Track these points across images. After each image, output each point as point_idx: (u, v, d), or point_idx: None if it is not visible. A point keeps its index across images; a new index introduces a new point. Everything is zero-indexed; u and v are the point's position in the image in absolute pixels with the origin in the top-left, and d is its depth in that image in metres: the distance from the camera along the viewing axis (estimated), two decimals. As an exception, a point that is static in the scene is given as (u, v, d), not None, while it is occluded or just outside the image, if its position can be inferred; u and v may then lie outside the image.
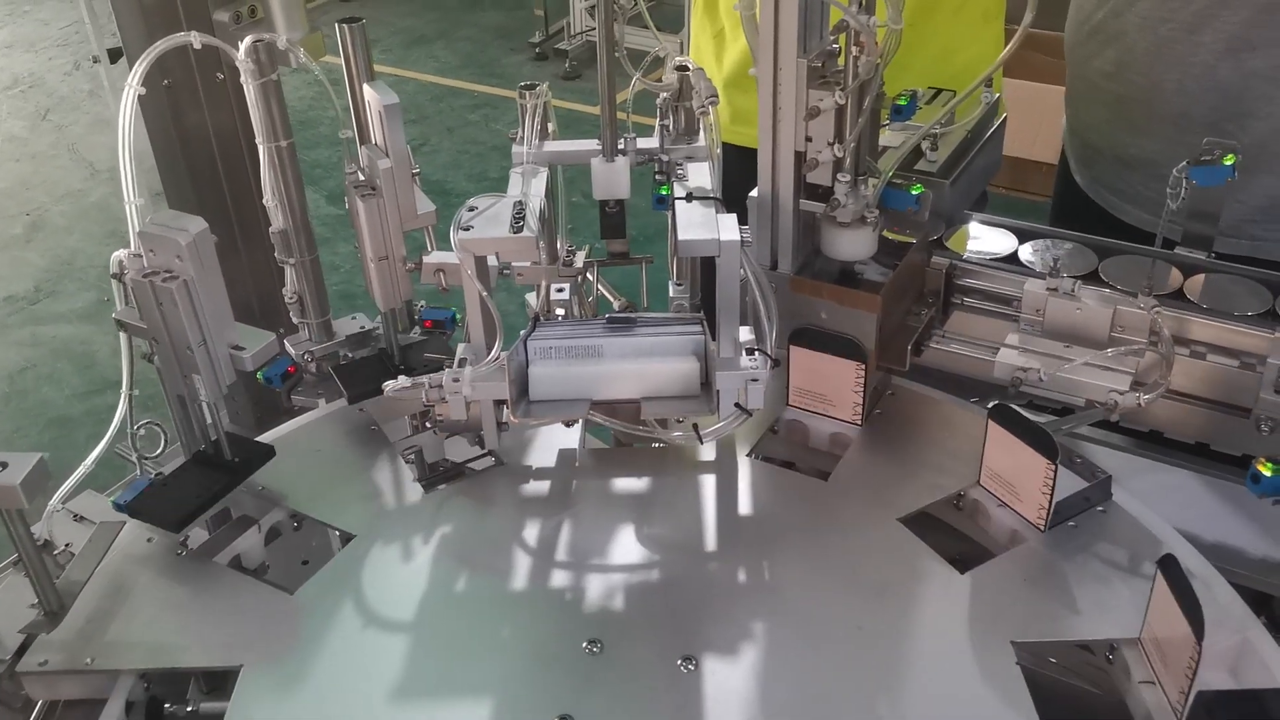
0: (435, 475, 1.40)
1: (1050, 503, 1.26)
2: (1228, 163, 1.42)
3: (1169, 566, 1.08)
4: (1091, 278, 1.47)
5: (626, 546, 1.30)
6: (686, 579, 1.25)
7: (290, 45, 1.36)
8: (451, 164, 5.30)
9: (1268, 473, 0.98)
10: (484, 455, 1.43)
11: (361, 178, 1.36)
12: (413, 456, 1.40)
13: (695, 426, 1.33)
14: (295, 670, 1.15)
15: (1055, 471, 1.24)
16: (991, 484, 1.33)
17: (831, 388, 1.41)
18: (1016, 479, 1.30)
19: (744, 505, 1.36)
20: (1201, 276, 1.47)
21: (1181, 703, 1.05)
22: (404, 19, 7.19)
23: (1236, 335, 1.38)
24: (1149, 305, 1.36)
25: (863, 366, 1.38)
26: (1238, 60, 1.71)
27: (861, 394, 1.40)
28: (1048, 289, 1.41)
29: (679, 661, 1.14)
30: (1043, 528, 1.28)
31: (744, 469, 1.41)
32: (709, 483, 1.39)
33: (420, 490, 1.38)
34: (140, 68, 1.28)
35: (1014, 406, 1.29)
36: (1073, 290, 1.39)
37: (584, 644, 1.16)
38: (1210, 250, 1.54)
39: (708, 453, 1.43)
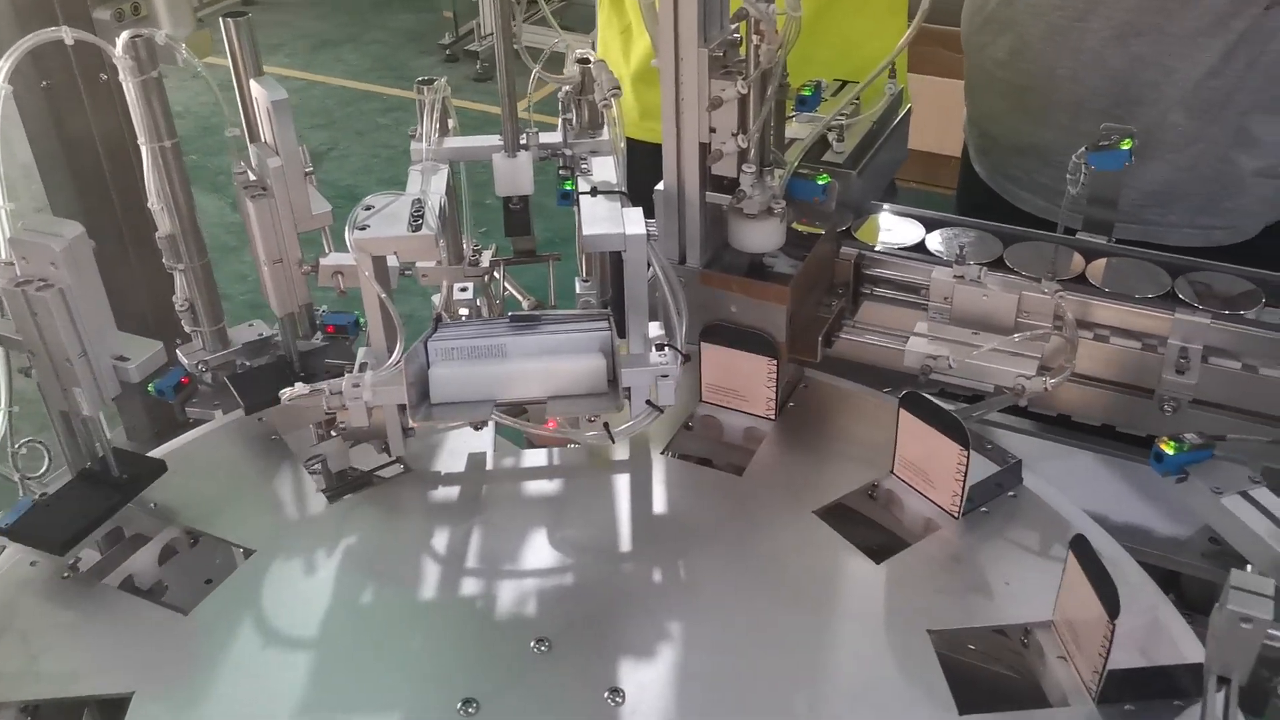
0: (341, 485, 1.35)
1: (963, 489, 1.26)
2: (1125, 147, 1.44)
3: (1080, 547, 1.08)
4: (997, 265, 1.48)
5: (539, 550, 1.27)
6: (601, 581, 1.22)
7: (171, 42, 1.30)
8: (363, 169, 5.20)
9: (1170, 451, 0.98)
10: (392, 463, 1.38)
11: (252, 177, 1.30)
12: (317, 466, 1.35)
13: (607, 425, 1.30)
14: (190, 695, 1.09)
15: (968, 458, 1.24)
16: (905, 473, 1.33)
17: (744, 383, 1.39)
18: (929, 466, 1.30)
19: (659, 504, 1.34)
20: (1103, 261, 1.49)
21: (1095, 681, 1.06)
22: (310, 22, 7.05)
23: (1137, 317, 1.39)
24: (1052, 290, 1.38)
25: (774, 362, 1.36)
26: (1126, 46, 1.74)
27: (774, 389, 1.38)
28: (954, 277, 1.42)
29: (596, 661, 1.11)
30: (956, 514, 1.28)
31: (658, 467, 1.39)
32: (623, 482, 1.37)
33: (325, 501, 1.33)
34: (6, 65, 1.21)
35: (924, 394, 1.28)
36: (979, 277, 1.40)
37: (497, 650, 1.13)
38: (1111, 235, 1.56)
39: (621, 451, 1.40)
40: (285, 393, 1.25)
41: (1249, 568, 0.92)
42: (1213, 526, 0.97)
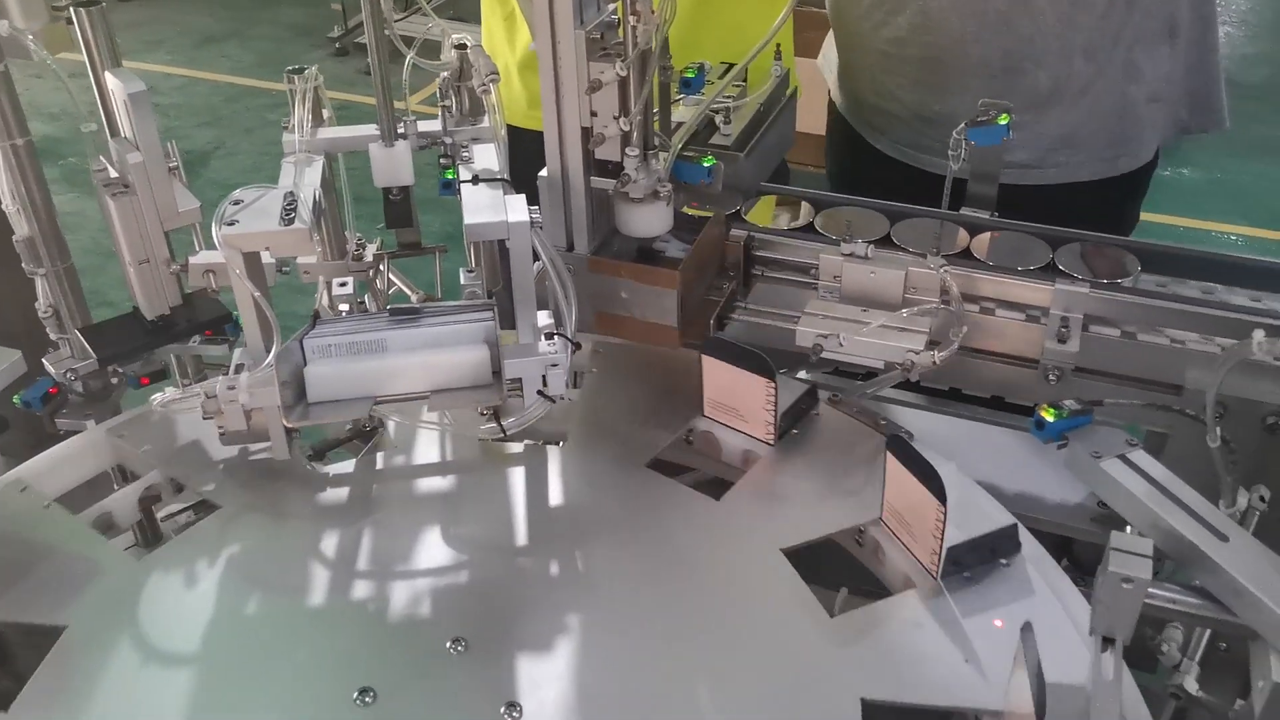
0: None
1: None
2: (1002, 122, 1.46)
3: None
4: (884, 242, 1.49)
5: (433, 549, 1.23)
6: (497, 577, 1.20)
7: (18, 33, 1.23)
8: (252, 167, 5.06)
9: (1050, 418, 1.00)
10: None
11: (112, 174, 1.24)
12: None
13: (498, 419, 1.28)
14: (67, 714, 1.04)
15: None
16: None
17: (743, 403, 1.32)
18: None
19: (555, 496, 1.32)
20: (987, 235, 1.51)
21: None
22: (192, 17, 6.82)
23: (1020, 289, 1.42)
24: (938, 265, 1.39)
25: (773, 384, 1.29)
26: (1027, 6, 1.78)
27: (773, 411, 1.30)
28: (843, 255, 1.42)
29: (449, 643, 1.09)
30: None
31: (554, 459, 1.36)
32: (518, 476, 1.34)
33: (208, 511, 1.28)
34: None
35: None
36: (866, 254, 1.41)
37: (389, 653, 1.10)
38: (994, 210, 1.59)
39: (516, 445, 1.38)
40: (157, 398, 1.20)
41: (1128, 529, 0.94)
42: (1094, 490, 0.98)
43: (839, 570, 1.26)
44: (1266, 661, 0.83)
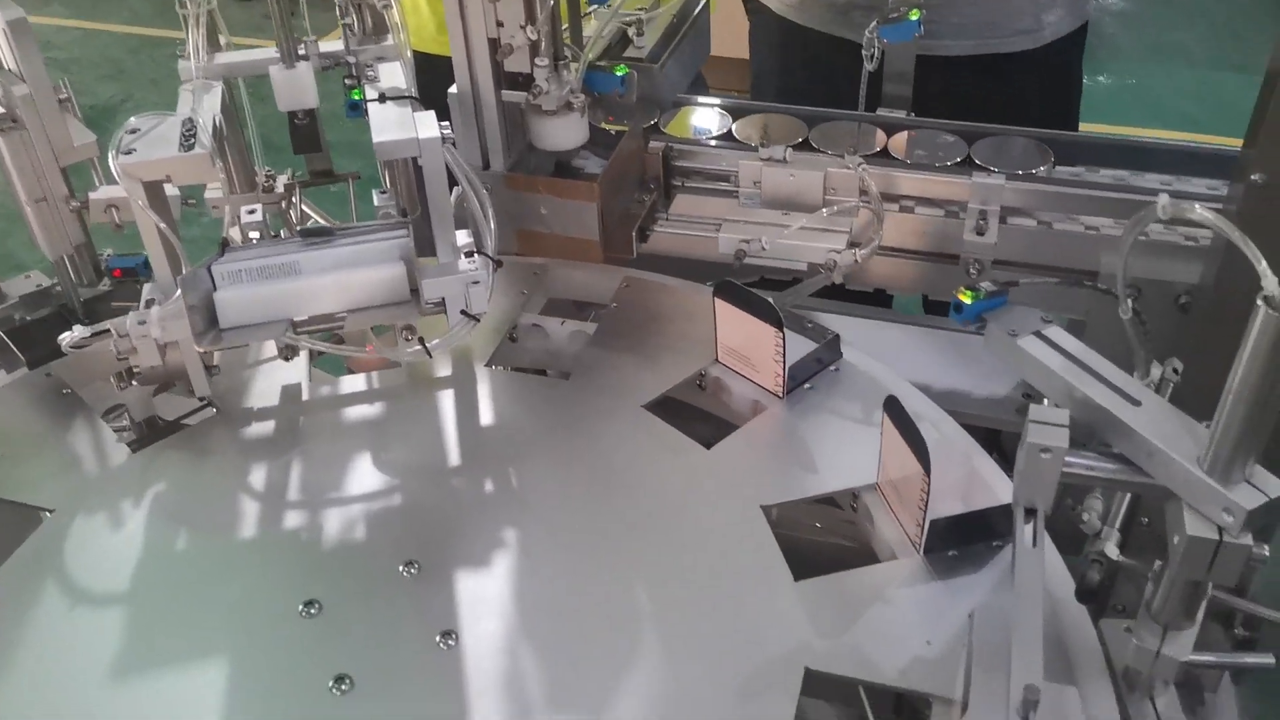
0: (146, 434, 1.27)
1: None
2: (913, 18, 1.46)
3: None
4: (802, 146, 1.49)
5: (363, 476, 1.22)
6: (431, 499, 1.19)
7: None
8: (162, 120, 4.88)
9: (967, 300, 1.01)
10: (201, 407, 1.31)
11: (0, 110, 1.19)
12: (119, 418, 1.27)
13: (422, 341, 1.26)
14: (-6, 665, 1.02)
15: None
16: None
17: (754, 351, 1.28)
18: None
19: (485, 416, 1.31)
20: (904, 134, 1.52)
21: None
22: (86, -32, 6.53)
23: (937, 185, 1.43)
24: (856, 164, 1.39)
25: (780, 334, 1.24)
26: None
27: (781, 363, 1.25)
28: (761, 160, 1.42)
29: (428, 578, 1.09)
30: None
31: (483, 379, 1.35)
32: (447, 398, 1.33)
33: (126, 452, 1.25)
34: None
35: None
36: (784, 158, 1.40)
37: (327, 583, 1.09)
38: (909, 109, 1.59)
39: (443, 368, 1.36)
40: (65, 338, 1.16)
41: (1045, 402, 0.96)
42: (1011, 368, 1.00)
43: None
44: (1181, 518, 0.86)
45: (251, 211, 1.22)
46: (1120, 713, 0.96)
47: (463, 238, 1.25)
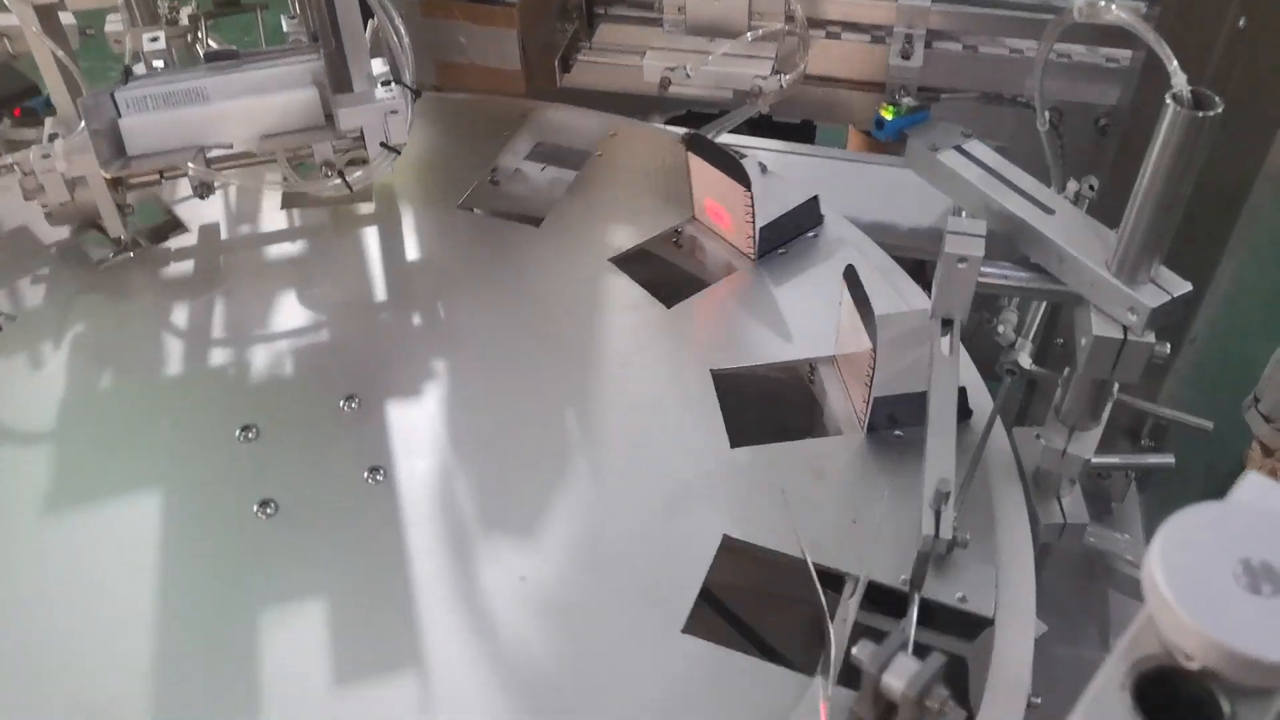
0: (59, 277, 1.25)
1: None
2: None
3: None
4: (724, -29, 1.45)
5: (289, 312, 1.21)
6: (359, 334, 1.19)
7: None
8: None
9: (889, 116, 1.01)
10: (121, 252, 1.27)
11: None
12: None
13: (342, 174, 1.23)
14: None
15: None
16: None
17: (728, 211, 1.24)
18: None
19: (412, 252, 1.30)
20: (829, -42, 1.48)
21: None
22: None
23: (864, 9, 1.41)
24: (782, -12, 1.36)
25: (750, 194, 1.19)
26: None
27: (752, 223, 1.21)
28: (685, -16, 1.38)
29: (359, 412, 1.09)
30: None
31: (409, 217, 1.33)
32: (372, 235, 1.31)
33: (44, 292, 1.22)
34: None
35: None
36: (703, -18, 1.37)
37: (255, 417, 1.09)
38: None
39: (366, 206, 1.34)
40: (-35, 176, 1.11)
41: (962, 213, 0.97)
42: (930, 183, 1.01)
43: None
44: (1088, 320, 0.89)
45: (154, 39, 1.17)
46: (1029, 511, 1.01)
47: (378, 66, 1.21)
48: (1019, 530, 0.98)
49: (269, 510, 1.00)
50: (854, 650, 0.53)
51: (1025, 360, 1.05)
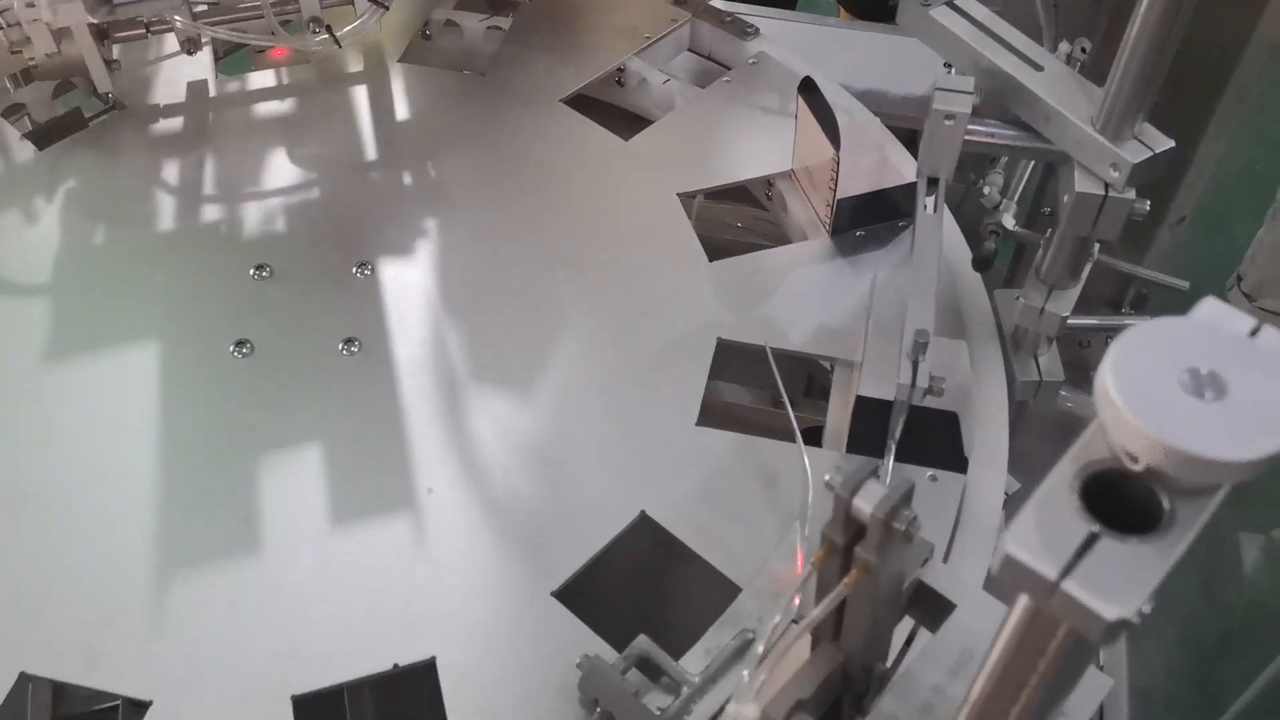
0: (49, 131, 1.24)
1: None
2: None
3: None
4: None
5: (279, 170, 1.22)
6: (349, 192, 1.19)
7: None
8: None
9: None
10: (106, 109, 1.27)
11: None
12: (18, 120, 1.23)
13: (330, 29, 1.22)
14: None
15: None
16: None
17: (815, 168, 1.18)
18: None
19: (400, 112, 1.29)
20: None
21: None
22: None
23: None
24: None
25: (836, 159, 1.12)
26: None
27: (834, 191, 1.12)
28: None
29: (354, 270, 1.11)
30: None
31: (396, 75, 1.33)
32: (361, 93, 1.31)
33: (33, 149, 1.22)
34: None
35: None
36: None
37: (250, 270, 1.10)
38: None
39: (354, 63, 1.33)
40: (-52, 25, 1.10)
41: (951, 70, 0.97)
42: (921, 40, 1.00)
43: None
44: (1071, 177, 0.90)
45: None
46: (1006, 369, 1.04)
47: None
48: (995, 385, 1.01)
49: (262, 355, 1.03)
50: (826, 476, 0.56)
51: (1009, 221, 1.07)
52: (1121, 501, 0.42)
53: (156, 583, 0.88)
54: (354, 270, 1.11)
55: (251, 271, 1.10)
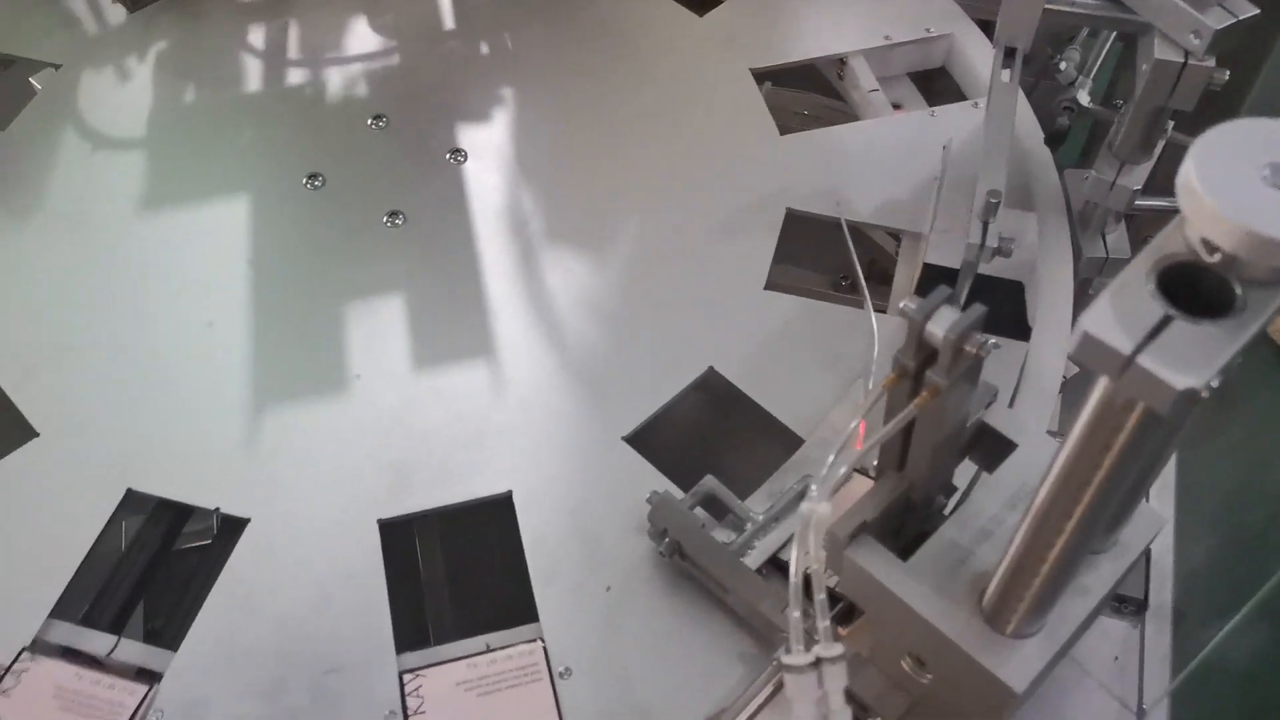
0: (138, -1, 1.28)
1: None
2: None
3: None
4: None
5: (362, 36, 1.24)
6: (428, 61, 1.22)
7: None
8: None
9: None
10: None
11: None
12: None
13: (411, -103, 1.23)
14: (21, 207, 1.08)
15: None
16: None
17: None
18: None
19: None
20: None
21: None
22: None
23: None
24: None
25: None
26: None
27: None
28: None
29: (434, 135, 1.14)
30: None
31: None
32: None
33: (124, 12, 1.26)
34: None
35: None
36: None
37: (333, 130, 1.14)
38: None
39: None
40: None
41: (1035, -62, 0.97)
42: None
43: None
44: (1151, 46, 0.90)
45: None
46: (1073, 244, 1.05)
47: None
48: (1061, 258, 1.02)
49: (316, 182, 1.08)
50: (902, 304, 0.58)
51: (1084, 98, 1.07)
52: (1195, 293, 0.44)
53: (257, 413, 0.93)
54: (435, 135, 1.14)
55: (337, 129, 1.14)
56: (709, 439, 1.01)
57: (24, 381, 0.95)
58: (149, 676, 0.80)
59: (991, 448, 0.72)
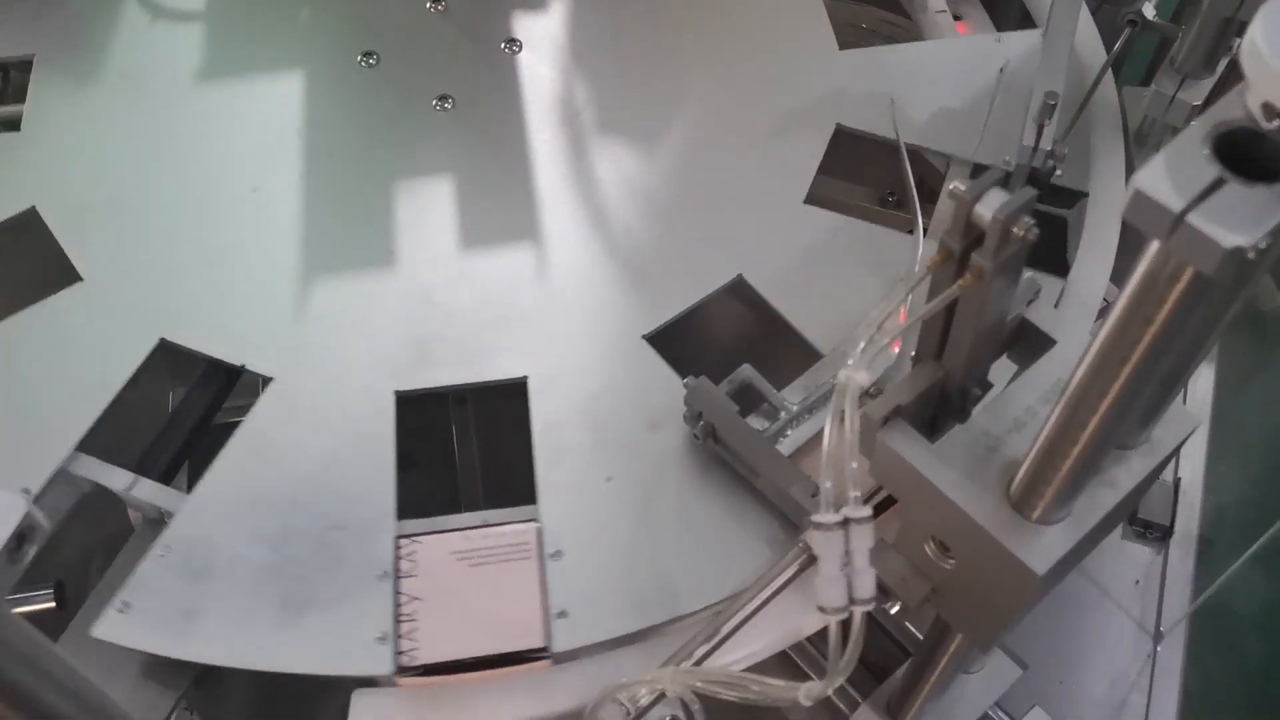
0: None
1: None
2: None
3: None
4: None
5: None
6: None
7: None
8: None
9: None
10: None
11: None
12: None
13: None
14: (89, 64, 1.10)
15: None
16: None
17: None
18: None
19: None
20: None
21: None
22: None
23: None
24: None
25: None
26: None
27: None
28: None
29: (492, 27, 1.14)
30: None
31: None
32: None
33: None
34: None
35: None
36: None
37: (390, 11, 1.14)
38: None
39: None
40: None
41: None
42: None
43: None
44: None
45: None
46: (1127, 163, 1.04)
47: None
48: (1114, 174, 1.01)
49: (370, 60, 1.09)
50: (952, 185, 0.58)
51: (1149, 10, 1.04)
52: (1250, 160, 0.44)
53: (291, 278, 0.95)
54: (492, 24, 1.14)
55: (393, 10, 1.14)
56: (730, 347, 1.01)
57: (75, 230, 0.97)
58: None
59: (1031, 345, 0.72)
